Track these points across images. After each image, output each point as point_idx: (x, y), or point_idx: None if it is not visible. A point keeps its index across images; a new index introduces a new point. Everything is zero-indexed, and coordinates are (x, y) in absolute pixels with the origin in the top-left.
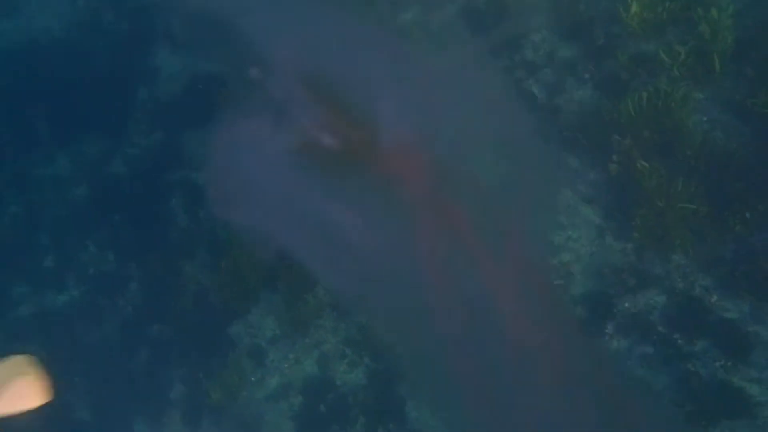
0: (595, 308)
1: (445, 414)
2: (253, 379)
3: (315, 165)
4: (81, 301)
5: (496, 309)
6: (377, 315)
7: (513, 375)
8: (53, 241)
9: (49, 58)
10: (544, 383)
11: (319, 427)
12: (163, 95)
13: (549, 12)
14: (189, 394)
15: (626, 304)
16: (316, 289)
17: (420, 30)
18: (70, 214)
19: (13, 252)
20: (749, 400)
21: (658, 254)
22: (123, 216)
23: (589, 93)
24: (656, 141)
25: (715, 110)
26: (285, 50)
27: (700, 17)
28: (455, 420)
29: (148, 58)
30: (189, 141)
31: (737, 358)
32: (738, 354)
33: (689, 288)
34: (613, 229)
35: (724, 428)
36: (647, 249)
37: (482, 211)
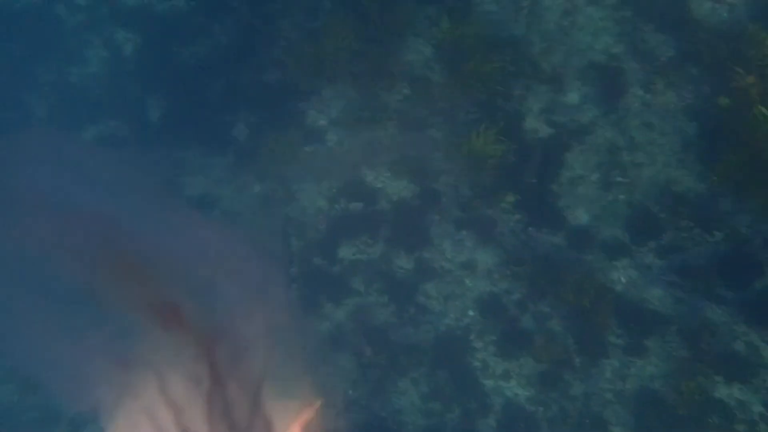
0: (642, 224)
1: None
2: (306, 149)
3: None
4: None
5: None
6: None
7: None
8: None
9: None
10: None
11: (347, 216)
12: None
13: None
14: (249, 138)
15: (674, 231)
16: (394, 90)
17: None
18: None
19: None
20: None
21: (733, 197)
22: None
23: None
24: None
25: None
26: None
27: None
28: None
29: None
30: None
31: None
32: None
33: (751, 236)
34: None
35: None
36: (722, 188)
37: None
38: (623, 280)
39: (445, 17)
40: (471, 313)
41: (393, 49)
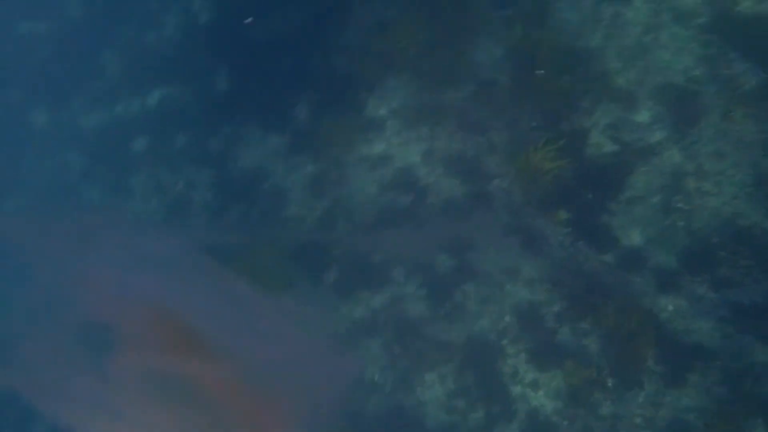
0: (699, 254)
1: None
2: (363, 136)
3: None
4: None
5: None
6: None
7: None
8: None
9: None
10: None
11: (394, 209)
12: None
13: None
14: (308, 119)
15: (732, 266)
16: (458, 88)
17: None
18: None
19: None
20: None
21: None
22: None
23: None
24: None
25: None
26: None
27: None
28: None
29: None
30: None
31: None
32: None
33: None
34: None
35: None
36: None
37: None
38: (670, 308)
39: (520, 22)
40: (507, 318)
41: (463, 47)
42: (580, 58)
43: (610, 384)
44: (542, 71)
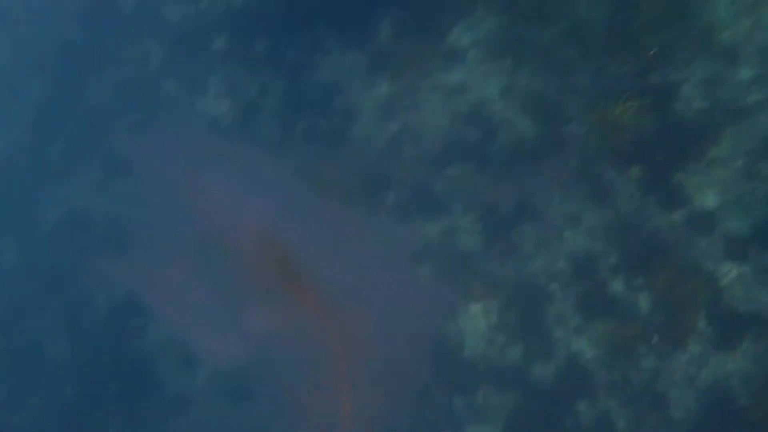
0: None
1: None
2: (443, 63)
3: None
4: None
5: None
6: None
7: None
8: None
9: None
10: None
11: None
12: None
13: None
14: (389, 40)
15: None
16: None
17: None
18: None
19: None
20: None
21: None
22: None
23: None
24: None
25: None
26: None
27: None
28: None
29: None
30: None
31: None
32: None
33: None
34: None
35: None
36: None
37: None
38: (733, 274)
39: None
40: (561, 264)
41: None
42: (685, 7)
43: (655, 340)
44: (655, 49)
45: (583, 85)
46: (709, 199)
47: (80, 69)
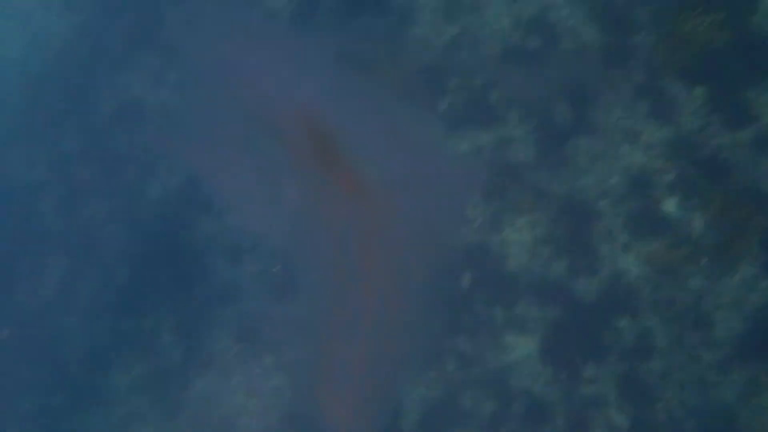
0: None
1: None
2: None
3: None
4: None
5: None
6: None
7: None
8: None
9: None
10: None
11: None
12: None
13: None
14: None
15: None
16: None
17: None
18: None
19: None
20: None
21: None
22: None
23: None
24: None
25: None
26: None
27: None
28: None
29: None
30: None
31: None
32: None
33: None
34: None
35: None
36: None
37: None
38: None
39: None
40: (615, 179)
41: None
42: None
43: (705, 261)
44: None
45: None
46: None
47: None
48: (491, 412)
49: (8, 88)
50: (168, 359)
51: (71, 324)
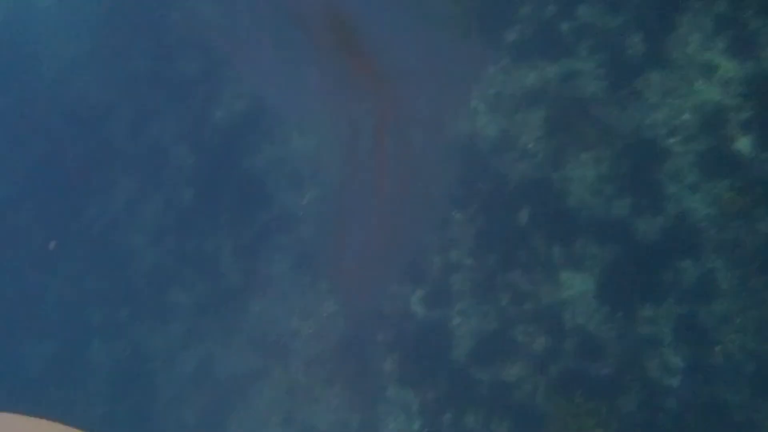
0: None
1: None
2: None
3: None
4: None
5: None
6: None
7: None
8: None
9: None
10: None
11: None
12: None
13: None
14: None
15: None
16: None
17: None
18: None
19: None
20: None
21: None
22: None
23: None
24: None
25: None
26: None
27: None
28: None
29: None
30: None
31: None
32: None
33: None
34: None
35: None
36: None
37: None
38: None
39: None
40: (687, 116)
41: None
42: None
43: None
44: None
45: None
46: None
47: None
48: (543, 348)
49: (85, 10)
50: (227, 281)
51: (137, 241)
